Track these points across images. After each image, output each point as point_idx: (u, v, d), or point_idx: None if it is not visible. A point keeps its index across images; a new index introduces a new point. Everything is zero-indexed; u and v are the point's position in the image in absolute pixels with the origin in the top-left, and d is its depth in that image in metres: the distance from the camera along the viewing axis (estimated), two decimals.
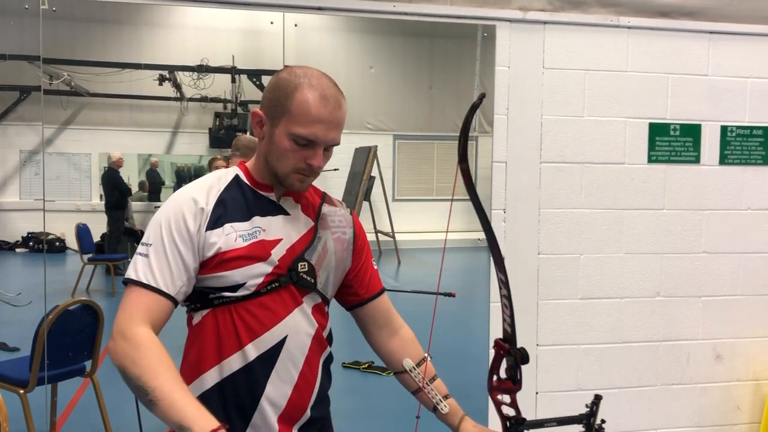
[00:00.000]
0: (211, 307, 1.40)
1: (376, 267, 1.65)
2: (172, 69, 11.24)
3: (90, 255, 8.25)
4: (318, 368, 1.50)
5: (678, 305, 3.01)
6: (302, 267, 1.43)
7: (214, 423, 1.15)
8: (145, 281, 1.32)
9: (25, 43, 10.05)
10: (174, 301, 1.35)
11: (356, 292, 1.58)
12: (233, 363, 1.39)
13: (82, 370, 3.58)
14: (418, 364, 1.56)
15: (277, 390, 1.42)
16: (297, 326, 1.43)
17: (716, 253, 3.03)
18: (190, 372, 1.43)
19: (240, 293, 1.38)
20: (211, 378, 1.41)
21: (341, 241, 1.54)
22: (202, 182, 1.45)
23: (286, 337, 1.41)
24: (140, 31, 11.91)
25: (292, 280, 1.42)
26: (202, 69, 11.12)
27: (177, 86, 11.52)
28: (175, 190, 1.49)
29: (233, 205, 1.41)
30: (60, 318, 3.32)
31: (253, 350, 1.39)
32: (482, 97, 1.25)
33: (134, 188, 11.44)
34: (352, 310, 1.62)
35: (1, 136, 11.49)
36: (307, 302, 1.46)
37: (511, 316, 1.30)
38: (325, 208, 1.54)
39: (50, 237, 11.09)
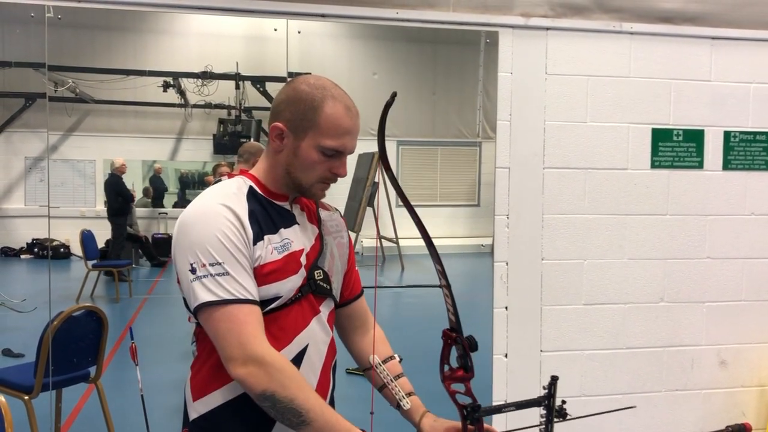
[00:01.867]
0: None
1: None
2: (177, 76, 11.26)
3: (94, 261, 8.26)
4: (330, 374, 1.52)
5: (682, 311, 3.01)
6: (318, 275, 1.45)
7: None
8: (242, 297, 1.29)
9: (31, 51, 10.08)
10: None
11: (342, 293, 1.59)
12: None
13: (86, 376, 3.59)
14: (385, 362, 1.59)
15: None
16: (316, 335, 1.45)
17: (720, 258, 3.03)
18: (205, 386, 1.41)
19: (272, 306, 1.38)
20: (231, 390, 1.39)
21: (341, 246, 1.57)
22: (226, 194, 1.40)
23: (307, 346, 1.43)
24: (144, 38, 11.96)
25: (311, 289, 1.44)
26: (206, 76, 11.16)
27: (181, 93, 11.55)
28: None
29: (262, 217, 1.40)
30: (64, 324, 3.33)
31: None
32: (394, 95, 1.25)
33: (138, 194, 11.46)
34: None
35: (7, 142, 11.53)
36: (323, 309, 1.48)
37: (454, 305, 1.32)
38: (323, 214, 1.56)
39: (55, 243, 11.11)
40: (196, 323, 1.43)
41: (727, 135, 3.02)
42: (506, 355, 2.80)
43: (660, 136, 2.95)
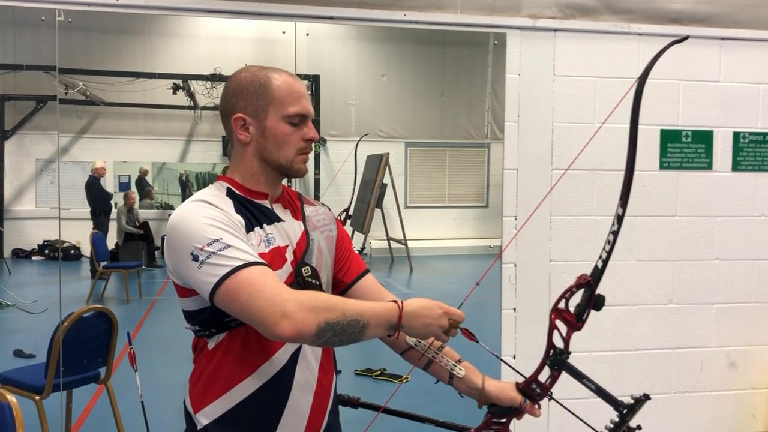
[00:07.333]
0: (227, 330, 1.37)
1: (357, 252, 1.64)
2: (186, 78, 11.32)
3: (104, 263, 8.31)
4: (330, 368, 1.51)
5: (691, 312, 3.00)
6: (306, 272, 1.44)
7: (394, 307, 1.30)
8: (251, 260, 1.27)
9: (42, 54, 10.15)
10: None
11: (341, 279, 1.57)
12: (254, 381, 1.38)
13: (96, 376, 3.61)
14: None
15: (300, 399, 1.42)
16: None
17: (729, 259, 3.02)
18: (204, 397, 1.41)
19: None
20: (231, 399, 1.39)
21: (330, 239, 1.55)
22: (205, 195, 1.40)
23: (302, 345, 1.41)
24: (154, 40, 12.03)
25: (299, 287, 1.41)
26: (216, 78, 11.19)
27: (190, 95, 11.61)
28: (182, 200, 1.46)
29: (246, 213, 1.40)
30: (75, 325, 3.35)
31: (272, 365, 1.39)
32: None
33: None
34: None
35: (18, 145, 11.61)
36: None
37: (609, 255, 1.28)
38: (307, 210, 1.54)
39: (65, 245, 11.18)
40: (195, 334, 1.43)
41: (736, 136, 3.01)
42: (514, 357, 2.80)
43: (669, 137, 2.94)
